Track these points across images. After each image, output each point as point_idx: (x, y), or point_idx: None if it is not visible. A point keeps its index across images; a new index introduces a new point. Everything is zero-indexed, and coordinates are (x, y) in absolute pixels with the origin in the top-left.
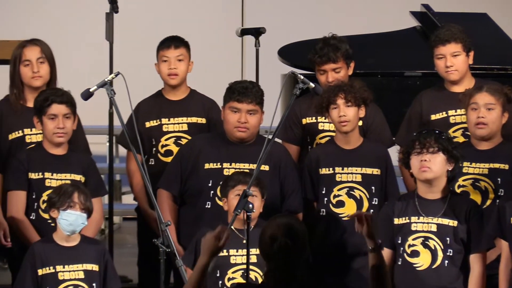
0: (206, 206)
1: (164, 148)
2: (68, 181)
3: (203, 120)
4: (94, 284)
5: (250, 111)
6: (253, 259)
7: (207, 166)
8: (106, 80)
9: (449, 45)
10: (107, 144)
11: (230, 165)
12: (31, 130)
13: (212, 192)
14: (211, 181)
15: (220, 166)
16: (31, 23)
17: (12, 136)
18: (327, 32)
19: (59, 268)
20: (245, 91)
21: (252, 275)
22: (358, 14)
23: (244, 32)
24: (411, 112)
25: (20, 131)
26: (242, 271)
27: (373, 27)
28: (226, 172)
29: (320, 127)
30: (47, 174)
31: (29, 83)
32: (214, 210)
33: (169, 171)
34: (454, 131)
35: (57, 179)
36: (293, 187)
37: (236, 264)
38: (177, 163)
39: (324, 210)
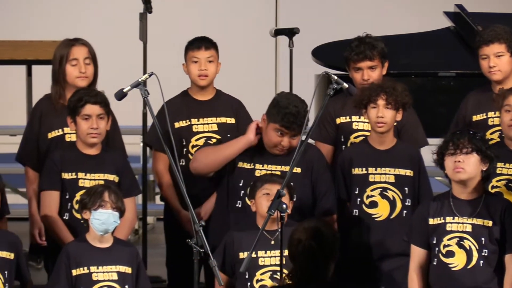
0: (237, 206)
1: (195, 149)
2: (102, 181)
3: (232, 120)
4: (126, 286)
5: (293, 136)
6: (282, 260)
7: (240, 164)
8: (139, 80)
9: (493, 45)
10: (141, 144)
11: (262, 166)
12: (70, 128)
13: (242, 192)
14: (242, 181)
15: (252, 167)
16: (65, 24)
17: (51, 134)
18: (360, 32)
19: (93, 268)
20: (294, 120)
21: (279, 276)
22: (392, 15)
23: (278, 32)
24: (458, 112)
25: (60, 130)
26: (271, 272)
27: (406, 28)
28: (257, 173)
29: (354, 127)
30: (80, 174)
31: (73, 82)
32: (245, 210)
33: None
34: (491, 133)
35: (90, 179)
36: (325, 188)
37: (264, 266)
38: None
39: (356, 210)
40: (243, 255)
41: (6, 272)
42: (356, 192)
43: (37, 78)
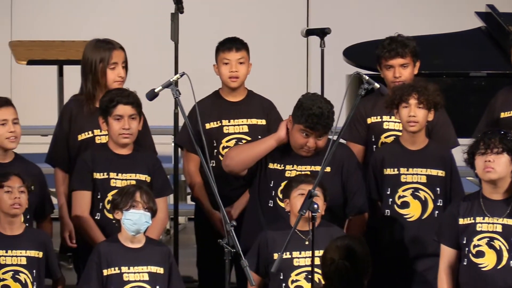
0: (269, 205)
1: (225, 150)
2: (133, 181)
3: (263, 122)
4: (157, 286)
5: (319, 137)
6: (317, 261)
7: (271, 165)
8: (171, 80)
9: None
10: (172, 144)
11: (292, 167)
12: (101, 131)
13: (273, 192)
14: (272, 181)
15: (282, 168)
16: (97, 24)
17: (81, 136)
18: (392, 32)
19: (124, 269)
20: (318, 121)
21: (316, 277)
22: (423, 15)
23: (309, 32)
24: (487, 109)
25: (90, 132)
26: (306, 273)
27: (438, 28)
28: (287, 174)
29: (385, 126)
30: (112, 174)
31: (111, 86)
32: (277, 209)
33: None
34: None
35: (122, 179)
36: (356, 187)
37: (299, 267)
38: None
39: (388, 211)
40: (276, 255)
41: (34, 271)
42: (388, 193)
43: (69, 78)
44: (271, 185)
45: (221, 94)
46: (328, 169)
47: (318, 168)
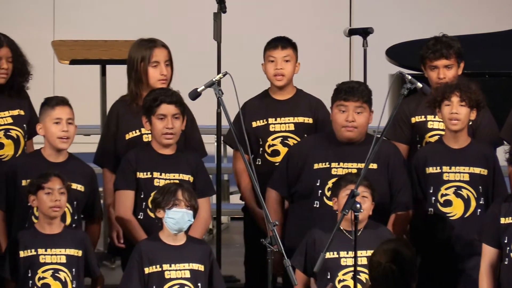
0: (315, 206)
1: (271, 148)
2: (177, 181)
3: (309, 120)
4: (199, 284)
5: (357, 109)
6: (363, 261)
7: (316, 166)
8: (214, 80)
9: None
10: (215, 144)
11: (338, 164)
12: (145, 128)
13: (320, 191)
14: (319, 180)
15: (328, 166)
16: (140, 23)
17: (129, 135)
18: (435, 32)
19: (165, 266)
20: (351, 90)
21: (362, 277)
22: (465, 14)
23: (352, 32)
24: None
25: (137, 131)
26: (353, 273)
27: (480, 27)
28: (334, 172)
29: (429, 126)
30: (155, 174)
31: (154, 85)
32: (323, 210)
33: (278, 171)
34: None
35: (165, 179)
36: (402, 184)
37: (346, 266)
38: (285, 164)
39: (431, 209)
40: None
41: (73, 270)
42: (431, 191)
43: (111, 77)
44: (318, 184)
45: (270, 93)
46: (374, 165)
47: (364, 165)
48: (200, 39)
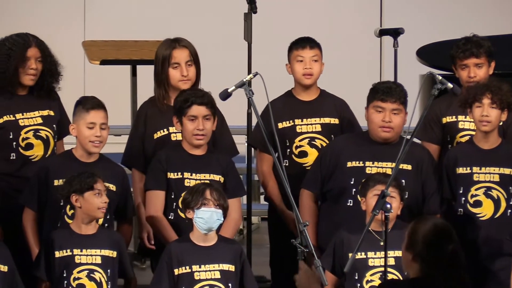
0: (348, 204)
1: (299, 149)
2: (207, 182)
3: (336, 121)
4: (230, 284)
5: (394, 111)
6: (391, 261)
7: (349, 164)
8: (244, 80)
9: None
10: (246, 144)
11: (373, 163)
12: (176, 128)
13: (354, 190)
14: (353, 179)
15: (362, 164)
16: (170, 24)
17: (157, 135)
18: (465, 32)
19: (195, 268)
20: (389, 91)
21: (390, 277)
22: (496, 14)
23: (382, 32)
24: None
25: (165, 129)
26: (381, 273)
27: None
28: (368, 171)
29: (460, 126)
30: (186, 174)
31: (176, 85)
32: (356, 209)
33: (311, 171)
34: None
35: (196, 179)
36: (433, 188)
37: (374, 267)
38: (318, 163)
39: (461, 210)
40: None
41: (109, 270)
42: (461, 192)
43: (142, 78)
44: (352, 182)
45: (294, 94)
46: (409, 167)
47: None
48: (231, 40)
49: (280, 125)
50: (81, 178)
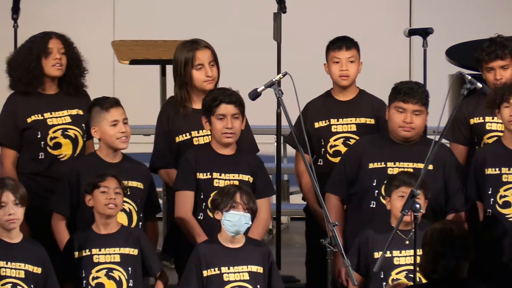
0: (371, 206)
1: (333, 149)
2: (236, 182)
3: (371, 121)
4: (258, 286)
5: (415, 112)
6: (418, 260)
7: (371, 165)
8: (273, 80)
9: None
10: (275, 144)
11: (394, 164)
12: (198, 132)
13: (376, 191)
14: (375, 180)
15: (384, 165)
16: (200, 24)
17: (179, 138)
18: (495, 32)
19: (224, 269)
20: (411, 92)
21: (417, 276)
22: None
23: (412, 32)
24: None
25: (187, 134)
26: (406, 272)
27: None
28: (390, 171)
29: (487, 127)
30: (215, 174)
31: (201, 86)
32: (380, 210)
33: (335, 175)
34: None
35: (225, 179)
36: (457, 186)
37: (399, 265)
38: (343, 167)
39: (490, 210)
40: (377, 254)
41: (129, 268)
42: (490, 192)
43: (171, 78)
44: (374, 184)
45: (332, 93)
46: (430, 167)
47: (419, 165)
48: (260, 39)
49: (316, 125)
50: (90, 179)
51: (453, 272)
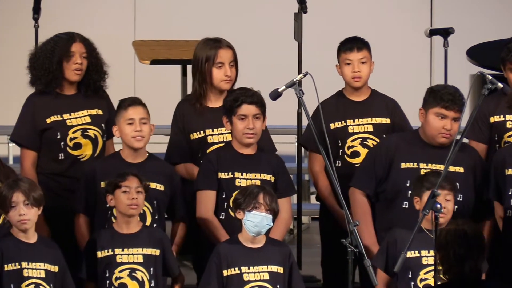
0: (404, 206)
1: (351, 150)
2: (258, 181)
3: (387, 121)
4: (278, 286)
5: (455, 118)
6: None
7: (403, 165)
8: (294, 80)
9: None
10: (296, 144)
11: (427, 165)
12: (212, 131)
13: (410, 192)
14: (408, 181)
15: (417, 166)
16: (220, 24)
17: (193, 136)
18: None
19: (244, 269)
20: (453, 99)
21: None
22: None
23: (432, 32)
24: None
25: (201, 132)
26: (434, 271)
27: None
28: (423, 172)
29: (508, 126)
30: (237, 174)
31: (218, 85)
32: (411, 211)
33: (363, 170)
34: None
35: (247, 179)
36: (482, 189)
37: (428, 265)
38: (372, 163)
39: (510, 211)
40: (407, 254)
41: (151, 269)
42: (510, 193)
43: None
44: (407, 184)
45: (345, 94)
46: (461, 169)
47: (451, 168)
48: (281, 40)
49: (332, 126)
50: (112, 178)
51: (473, 273)
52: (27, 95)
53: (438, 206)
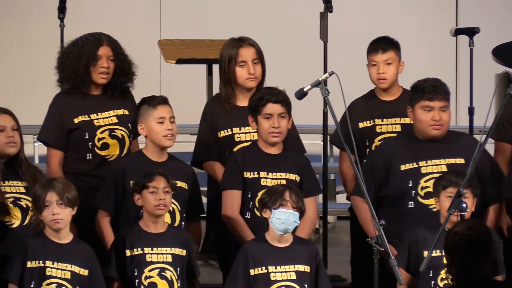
0: (410, 206)
1: None
2: (284, 181)
3: None
4: (305, 285)
5: (442, 108)
6: None
7: (403, 167)
8: (320, 79)
9: None
10: (321, 143)
11: (426, 162)
12: (239, 129)
13: (413, 191)
14: (410, 181)
15: (416, 166)
16: (246, 23)
17: (221, 134)
18: None
19: (271, 268)
20: (435, 89)
21: None
22: None
23: (458, 31)
24: None
25: (229, 130)
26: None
27: None
28: (424, 170)
29: None
30: (262, 173)
31: (243, 84)
32: (418, 210)
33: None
34: None
35: (272, 179)
36: (490, 175)
37: None
38: (370, 170)
39: None
40: (427, 253)
41: (178, 269)
42: None
43: (218, 77)
44: (410, 185)
45: (376, 93)
46: (462, 160)
47: (451, 160)
48: (307, 39)
49: (360, 125)
50: (139, 178)
51: (484, 276)
52: (52, 95)
53: (464, 205)
